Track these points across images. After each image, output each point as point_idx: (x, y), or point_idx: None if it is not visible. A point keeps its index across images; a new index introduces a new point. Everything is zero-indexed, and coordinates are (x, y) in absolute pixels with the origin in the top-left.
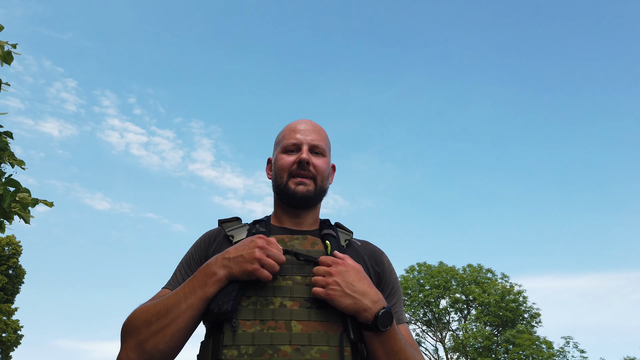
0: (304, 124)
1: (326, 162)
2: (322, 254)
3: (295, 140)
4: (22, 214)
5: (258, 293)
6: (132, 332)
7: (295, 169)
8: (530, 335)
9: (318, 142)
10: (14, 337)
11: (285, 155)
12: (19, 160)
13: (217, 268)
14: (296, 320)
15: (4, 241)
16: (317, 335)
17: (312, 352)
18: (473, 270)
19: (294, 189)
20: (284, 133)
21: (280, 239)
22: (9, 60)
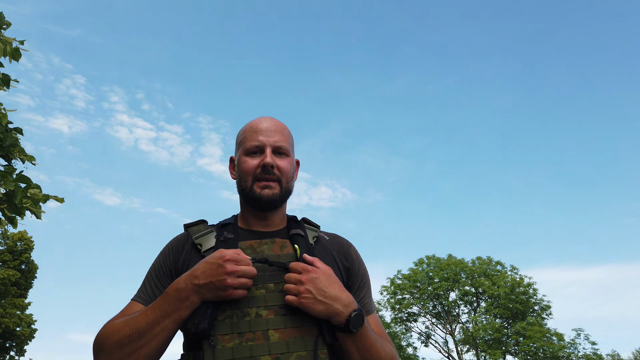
0: (265, 123)
1: (290, 162)
2: (292, 257)
3: (258, 142)
4: (33, 210)
5: (233, 306)
6: (105, 353)
7: (260, 173)
8: (540, 328)
9: (281, 142)
10: (28, 331)
11: (248, 158)
12: (30, 156)
13: (189, 293)
14: (273, 329)
15: (16, 237)
16: (294, 342)
17: (291, 358)
18: (482, 262)
19: (260, 193)
20: (246, 133)
21: (249, 245)
22: (17, 56)
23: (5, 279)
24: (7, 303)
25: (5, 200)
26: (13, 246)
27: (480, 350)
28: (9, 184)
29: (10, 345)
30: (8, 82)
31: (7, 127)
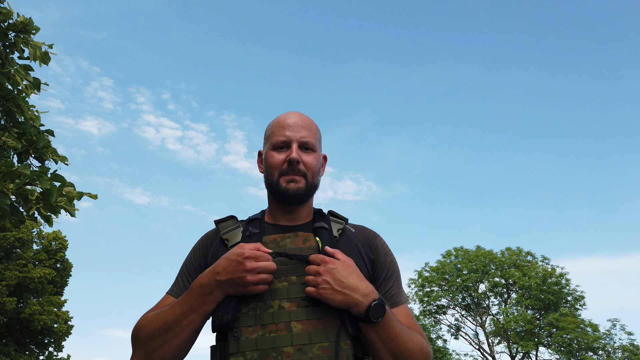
0: (292, 119)
1: (316, 157)
2: (314, 250)
3: (285, 137)
4: (67, 208)
5: (256, 298)
6: (139, 343)
7: (286, 168)
8: (574, 318)
9: (308, 138)
10: (65, 327)
11: (275, 152)
12: (62, 156)
13: (212, 289)
14: (295, 321)
15: (51, 236)
16: (316, 333)
17: (313, 349)
18: (512, 253)
19: (286, 187)
20: (273, 128)
21: (272, 239)
22: (47, 60)
23: (42, 277)
24: (45, 301)
25: (41, 199)
26: (48, 246)
27: (512, 342)
28: (45, 183)
29: (48, 341)
30: (39, 85)
31: (39, 129)
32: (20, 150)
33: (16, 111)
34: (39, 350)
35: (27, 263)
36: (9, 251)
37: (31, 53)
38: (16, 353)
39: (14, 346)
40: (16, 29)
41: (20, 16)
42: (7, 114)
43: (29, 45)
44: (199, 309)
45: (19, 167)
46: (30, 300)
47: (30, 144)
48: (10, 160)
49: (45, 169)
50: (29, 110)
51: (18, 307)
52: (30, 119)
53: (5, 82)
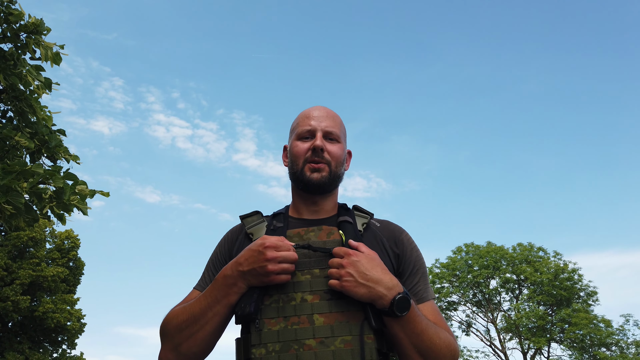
0: (317, 111)
1: (341, 148)
2: (338, 243)
3: (309, 126)
4: (80, 206)
5: (279, 290)
6: (167, 336)
7: (310, 156)
8: (587, 314)
9: (332, 128)
10: (78, 325)
11: (299, 142)
12: (74, 155)
13: (235, 280)
14: (318, 314)
15: (64, 235)
16: (339, 326)
17: (335, 342)
18: (523, 249)
19: (309, 176)
20: (298, 120)
21: (296, 232)
22: (58, 61)
23: (55, 276)
24: (58, 299)
25: (54, 197)
26: (61, 244)
27: (523, 338)
28: (58, 181)
29: (62, 339)
30: (50, 85)
31: (51, 129)
32: (33, 150)
33: (28, 111)
34: (52, 347)
35: (40, 262)
36: (22, 250)
37: (42, 54)
38: (30, 351)
39: (28, 344)
40: (27, 30)
41: (31, 17)
42: (19, 114)
43: (40, 46)
44: (223, 300)
45: (32, 166)
46: (43, 298)
47: (42, 143)
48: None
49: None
50: (41, 110)
51: (32, 306)
52: (43, 119)
53: (17, 83)
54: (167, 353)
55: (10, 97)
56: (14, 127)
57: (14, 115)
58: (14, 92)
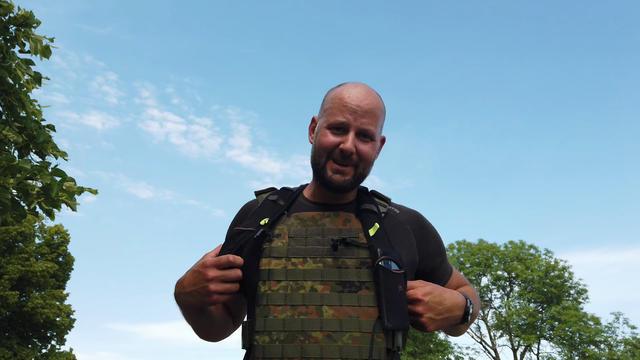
0: (357, 99)
1: (373, 146)
2: (356, 232)
3: (344, 119)
4: (68, 202)
5: (289, 277)
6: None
7: (337, 154)
8: (576, 312)
9: (369, 125)
10: (67, 321)
11: (329, 132)
12: (62, 152)
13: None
14: (327, 305)
15: (53, 230)
16: (348, 321)
17: (343, 338)
18: (515, 246)
19: (330, 177)
20: (334, 102)
21: (310, 216)
22: (48, 54)
23: (44, 271)
24: (47, 294)
25: (42, 194)
26: (50, 239)
27: (513, 335)
28: (45, 177)
29: (51, 334)
30: (40, 79)
31: (40, 124)
32: (21, 145)
33: (17, 105)
34: (41, 343)
35: (29, 257)
36: (11, 245)
37: (32, 47)
38: (19, 346)
39: (16, 339)
40: (17, 22)
41: (21, 10)
42: (8, 108)
43: (29, 39)
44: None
45: (19, 161)
46: (32, 293)
47: (30, 138)
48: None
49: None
50: (31, 104)
51: (20, 301)
52: (32, 113)
53: (6, 76)
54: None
55: None
56: (2, 121)
57: (2, 109)
58: (3, 85)
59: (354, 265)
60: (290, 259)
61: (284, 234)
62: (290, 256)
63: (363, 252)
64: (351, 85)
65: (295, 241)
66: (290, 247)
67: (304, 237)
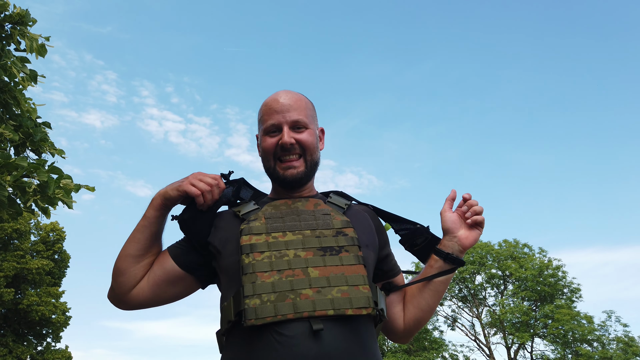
0: (281, 99)
1: (311, 133)
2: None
3: (275, 120)
4: (65, 200)
5: (271, 248)
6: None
7: (280, 152)
8: (569, 310)
9: (298, 116)
10: (63, 318)
11: (267, 137)
12: (59, 149)
13: (155, 195)
14: (312, 267)
15: (49, 228)
16: (334, 278)
17: (332, 292)
18: (509, 245)
19: (284, 174)
20: (263, 112)
21: (283, 202)
22: (43, 52)
23: (40, 268)
24: (42, 292)
25: (38, 191)
26: (46, 237)
27: (507, 333)
28: (42, 175)
29: (46, 332)
30: (35, 77)
31: (36, 121)
32: (18, 143)
33: (13, 103)
34: (37, 341)
35: (24, 254)
36: (6, 242)
37: (28, 45)
38: (14, 344)
39: (12, 337)
40: (12, 20)
41: (16, 8)
42: (3, 106)
43: (25, 37)
44: (143, 216)
45: (16, 159)
46: (28, 291)
47: (27, 136)
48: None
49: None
50: (26, 102)
51: (16, 298)
52: (27, 111)
53: (1, 74)
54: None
55: None
56: None
57: None
58: None
59: (331, 235)
60: (270, 234)
61: (259, 217)
62: (270, 232)
63: (337, 223)
64: (273, 94)
65: (272, 220)
66: (269, 225)
67: (281, 217)
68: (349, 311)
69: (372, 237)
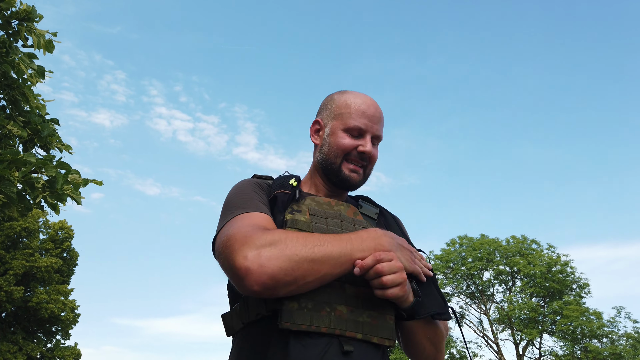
0: (372, 108)
1: (377, 150)
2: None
3: (363, 125)
4: (73, 196)
5: None
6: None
7: (354, 156)
8: (578, 306)
9: (380, 132)
10: (72, 315)
11: (347, 135)
12: (66, 145)
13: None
14: (349, 284)
15: (57, 226)
16: (366, 300)
17: (363, 315)
18: (517, 241)
19: (348, 175)
20: (350, 109)
21: (327, 201)
22: (51, 48)
23: (49, 266)
24: (51, 289)
25: (47, 187)
26: (54, 235)
27: (516, 330)
28: (50, 170)
29: (56, 329)
30: (43, 73)
31: (44, 118)
32: (26, 139)
33: (21, 100)
34: (46, 338)
35: (33, 252)
36: (15, 241)
37: (35, 41)
38: (24, 341)
39: (22, 334)
40: (19, 17)
41: (23, 4)
42: (12, 103)
43: (32, 33)
44: (345, 260)
45: (24, 155)
46: (37, 289)
47: (35, 132)
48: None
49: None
50: (35, 99)
51: (25, 296)
52: (36, 107)
53: (10, 71)
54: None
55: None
56: (7, 115)
57: (6, 103)
58: (7, 80)
59: None
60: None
61: (304, 211)
62: (314, 232)
63: None
64: (361, 95)
65: (316, 219)
66: (314, 224)
67: (324, 218)
68: (375, 339)
69: None
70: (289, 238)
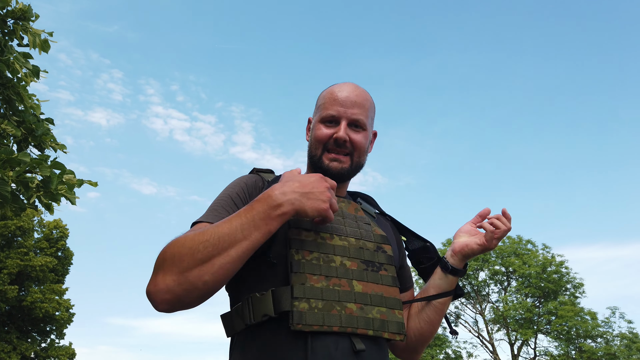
0: (346, 92)
1: (365, 136)
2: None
3: (335, 112)
4: (68, 196)
5: (319, 249)
6: (172, 260)
7: (331, 144)
8: (573, 307)
9: (359, 115)
10: (67, 315)
11: (323, 126)
12: (61, 144)
13: (283, 200)
14: (356, 280)
15: (52, 225)
16: (374, 296)
17: (373, 312)
18: (512, 241)
19: (328, 165)
20: (325, 99)
21: None
22: (46, 48)
23: (43, 265)
24: (46, 289)
25: (41, 187)
26: (49, 234)
27: (511, 330)
28: (45, 170)
29: (50, 329)
30: (38, 73)
31: (39, 117)
32: (20, 138)
33: (16, 99)
34: (40, 337)
35: (28, 251)
36: (10, 239)
37: (30, 40)
38: (18, 340)
39: (16, 334)
40: (15, 16)
41: (18, 3)
42: (6, 102)
43: (28, 32)
44: (261, 224)
45: (18, 154)
46: (31, 288)
47: (29, 132)
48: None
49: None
50: (29, 98)
51: (20, 295)
52: (30, 107)
53: (4, 70)
54: (166, 279)
55: None
56: (1, 114)
57: (1, 103)
58: (1, 79)
59: (372, 248)
60: (319, 234)
61: None
62: (319, 231)
63: (377, 237)
64: (341, 83)
65: None
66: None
67: None
68: (386, 334)
69: (396, 254)
70: (179, 244)
